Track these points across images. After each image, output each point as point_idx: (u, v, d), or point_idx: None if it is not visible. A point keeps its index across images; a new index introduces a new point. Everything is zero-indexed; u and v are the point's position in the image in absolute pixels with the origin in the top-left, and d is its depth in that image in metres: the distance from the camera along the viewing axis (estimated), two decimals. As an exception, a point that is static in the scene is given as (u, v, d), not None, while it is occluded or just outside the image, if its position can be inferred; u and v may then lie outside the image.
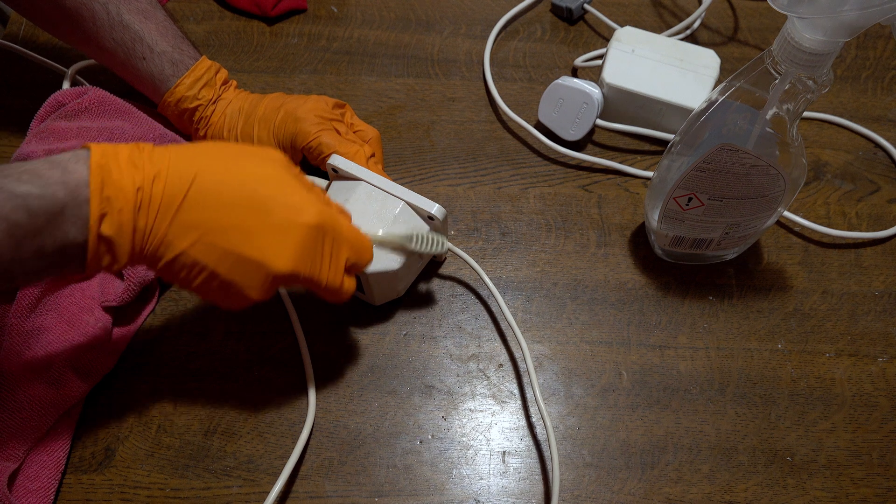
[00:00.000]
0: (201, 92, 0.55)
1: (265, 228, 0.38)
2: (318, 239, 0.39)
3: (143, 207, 0.36)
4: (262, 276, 0.38)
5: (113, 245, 0.35)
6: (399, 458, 0.49)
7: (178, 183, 0.36)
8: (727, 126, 0.46)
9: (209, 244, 0.37)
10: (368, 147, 0.54)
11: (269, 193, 0.38)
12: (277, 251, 0.38)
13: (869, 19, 0.36)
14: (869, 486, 0.48)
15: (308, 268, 0.39)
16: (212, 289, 0.39)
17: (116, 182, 0.35)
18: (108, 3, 0.51)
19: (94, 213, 0.34)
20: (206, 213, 0.36)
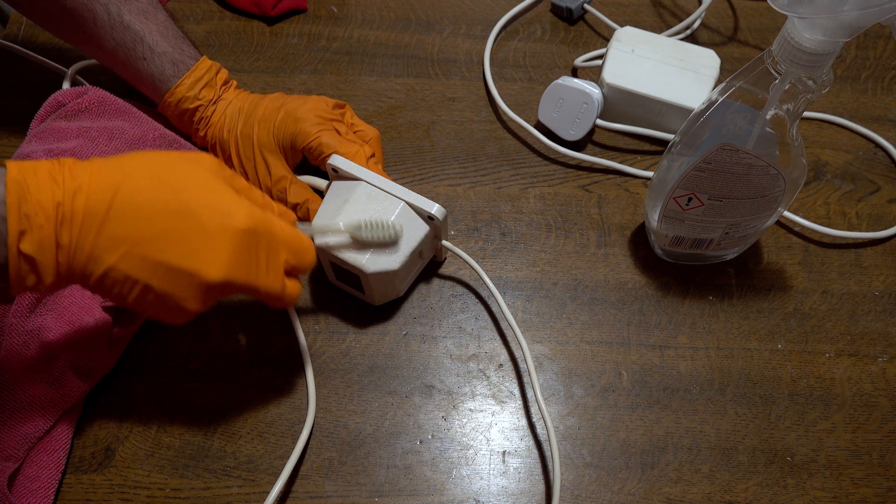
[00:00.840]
0: (202, 92, 0.55)
1: (194, 235, 0.36)
2: (251, 243, 0.38)
3: (66, 223, 0.34)
4: (195, 285, 0.37)
5: (36, 263, 0.34)
6: (399, 458, 0.49)
7: (101, 195, 0.35)
8: (727, 126, 0.46)
9: (138, 256, 0.36)
10: (368, 147, 0.54)
11: (197, 199, 0.37)
12: (209, 258, 0.37)
13: (869, 19, 0.36)
14: (869, 486, 0.48)
15: (243, 274, 0.38)
16: (148, 303, 0.37)
17: (35, 198, 0.34)
18: (109, 3, 0.51)
19: (12, 230, 0.33)
20: (132, 224, 0.35)
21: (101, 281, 0.36)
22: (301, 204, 0.54)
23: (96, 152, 0.51)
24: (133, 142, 0.53)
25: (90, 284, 0.36)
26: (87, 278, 0.36)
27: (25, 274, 0.34)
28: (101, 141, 0.52)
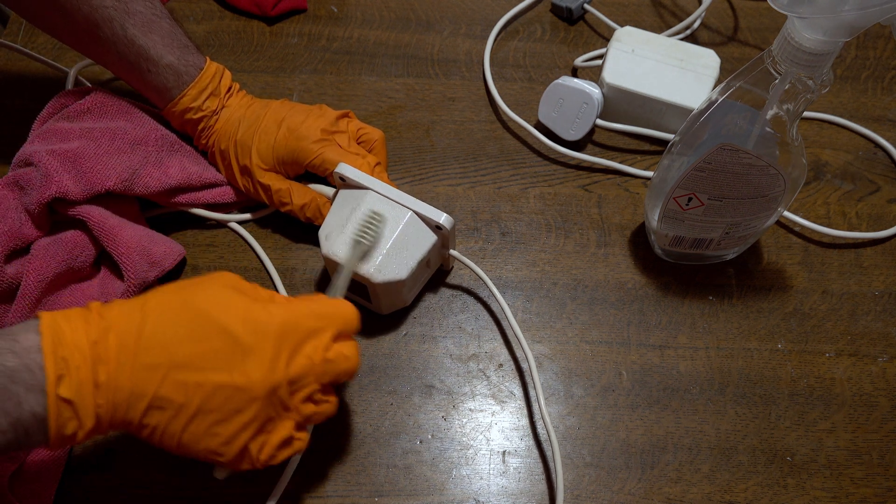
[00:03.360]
0: (205, 103, 0.54)
1: (230, 350, 0.36)
2: (289, 340, 0.38)
3: (101, 361, 0.34)
4: (247, 398, 0.36)
5: (75, 407, 0.34)
6: (399, 458, 0.49)
7: (130, 327, 0.35)
8: (727, 126, 0.46)
9: (178, 381, 0.35)
10: (372, 157, 0.54)
11: (224, 315, 0.36)
12: (250, 368, 0.36)
13: (869, 19, 0.36)
14: (869, 486, 0.49)
15: (286, 371, 0.37)
16: (207, 432, 0.36)
17: (70, 340, 0.34)
18: (113, 18, 0.50)
19: (49, 375, 0.33)
20: (165, 350, 0.35)
21: (147, 416, 0.35)
22: (308, 203, 0.54)
23: (98, 153, 0.51)
24: (135, 142, 0.53)
25: (136, 424, 0.35)
26: (129, 422, 0.35)
27: (65, 421, 0.34)
28: (103, 142, 0.52)
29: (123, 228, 0.51)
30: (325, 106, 0.55)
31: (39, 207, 0.49)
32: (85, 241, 0.51)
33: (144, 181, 0.53)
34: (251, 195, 0.56)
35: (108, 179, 0.51)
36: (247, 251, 0.57)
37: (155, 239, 0.52)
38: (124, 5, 0.51)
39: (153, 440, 0.36)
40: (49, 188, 0.48)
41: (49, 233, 0.51)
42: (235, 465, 0.38)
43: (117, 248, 0.50)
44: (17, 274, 0.49)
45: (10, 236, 0.48)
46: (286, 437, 0.39)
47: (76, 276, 0.51)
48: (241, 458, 0.38)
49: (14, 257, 0.49)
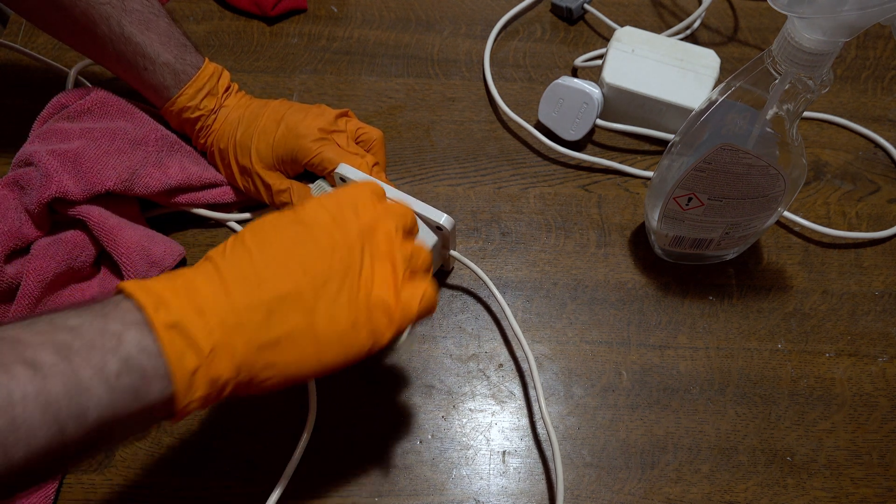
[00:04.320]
0: (203, 102, 0.54)
1: (302, 230, 0.37)
2: (340, 203, 0.38)
3: (194, 292, 0.33)
4: (344, 252, 0.36)
5: (185, 332, 0.31)
6: (399, 458, 0.49)
7: (206, 267, 0.35)
8: (727, 126, 0.46)
9: (278, 276, 0.35)
10: (371, 157, 0.54)
11: (276, 219, 0.37)
12: (330, 227, 0.37)
13: (869, 19, 0.36)
14: (869, 486, 0.49)
15: (365, 211, 0.38)
16: (334, 306, 0.35)
17: (152, 286, 0.32)
18: (110, 15, 0.51)
19: (146, 306, 0.31)
20: (250, 262, 0.35)
21: (272, 324, 0.34)
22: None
23: (98, 153, 0.51)
24: (135, 142, 0.53)
25: (267, 341, 0.34)
26: (260, 339, 0.33)
27: (181, 351, 0.31)
28: (103, 142, 0.52)
29: (123, 228, 0.51)
30: (325, 105, 0.55)
31: (39, 207, 0.49)
32: (85, 241, 0.51)
33: (144, 181, 0.53)
34: (251, 195, 0.56)
35: (108, 179, 0.51)
36: (247, 251, 0.57)
37: (155, 239, 0.52)
38: (122, 3, 0.51)
39: (292, 357, 0.34)
40: (49, 188, 0.48)
41: (49, 233, 0.51)
42: (383, 331, 0.36)
43: (117, 248, 0.50)
44: (17, 274, 0.49)
45: (10, 236, 0.49)
46: (406, 284, 0.38)
47: (76, 276, 0.51)
48: (383, 319, 0.36)
49: (14, 257, 0.49)
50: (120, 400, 0.29)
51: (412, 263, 0.39)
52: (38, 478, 0.30)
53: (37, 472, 0.29)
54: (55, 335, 0.29)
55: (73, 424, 0.28)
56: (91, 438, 0.29)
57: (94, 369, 0.29)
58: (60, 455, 0.29)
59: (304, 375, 0.35)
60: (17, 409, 0.27)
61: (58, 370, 0.28)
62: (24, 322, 0.30)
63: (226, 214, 0.58)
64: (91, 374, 0.29)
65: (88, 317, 0.30)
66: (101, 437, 0.30)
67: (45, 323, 0.30)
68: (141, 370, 0.30)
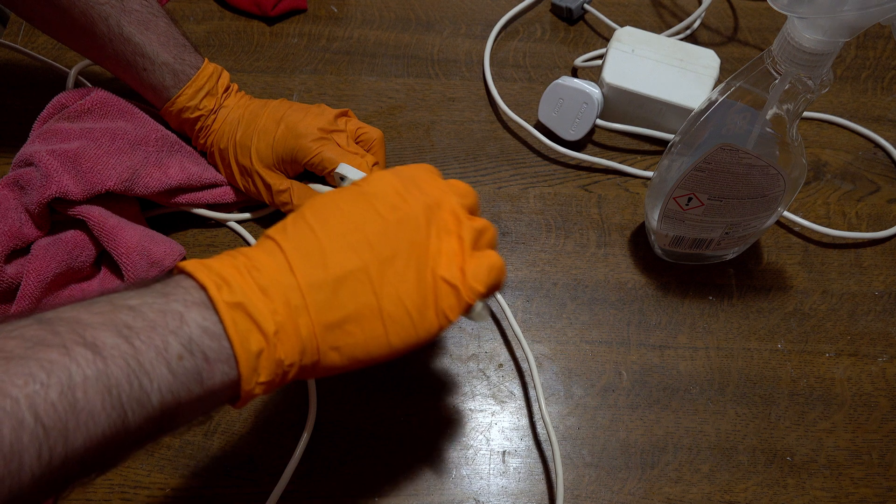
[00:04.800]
0: (202, 102, 0.54)
1: (366, 205, 0.35)
2: (403, 178, 0.37)
3: (256, 270, 0.32)
4: (411, 226, 0.35)
5: (249, 312, 0.30)
6: (399, 458, 0.49)
7: (268, 245, 0.34)
8: (727, 126, 0.46)
9: (344, 250, 0.33)
10: (371, 157, 0.54)
11: (337, 196, 0.36)
12: (395, 201, 0.35)
13: (869, 19, 0.36)
14: (869, 486, 0.49)
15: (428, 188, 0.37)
16: (401, 281, 0.34)
17: (214, 264, 0.32)
18: (108, 15, 0.51)
19: (209, 285, 0.30)
20: (314, 239, 0.34)
21: (337, 304, 0.33)
22: None
23: (99, 153, 0.51)
24: (135, 143, 0.53)
25: (333, 322, 0.33)
26: (325, 319, 0.32)
27: (245, 333, 0.30)
28: (103, 142, 0.52)
29: (123, 228, 0.51)
30: (325, 105, 0.55)
31: (39, 207, 0.49)
32: (85, 241, 0.51)
33: (145, 181, 0.53)
34: (251, 195, 0.56)
35: (108, 179, 0.51)
36: (247, 251, 0.57)
37: (155, 239, 0.52)
38: (121, 3, 0.51)
39: (359, 339, 0.33)
40: (49, 188, 0.48)
41: (49, 233, 0.51)
42: (454, 308, 0.35)
43: (117, 248, 0.50)
44: (17, 274, 0.49)
45: (10, 236, 0.49)
46: (473, 255, 0.36)
47: (76, 276, 0.51)
48: (451, 296, 0.35)
49: (14, 257, 0.49)
50: (183, 383, 0.29)
51: (479, 240, 0.37)
52: (100, 466, 0.29)
53: (98, 459, 0.28)
54: (116, 315, 0.28)
55: (136, 408, 0.27)
56: (154, 423, 0.29)
57: (155, 351, 0.28)
58: (122, 440, 0.28)
59: (372, 358, 0.34)
60: (77, 393, 0.26)
61: (119, 352, 0.27)
62: (84, 303, 0.29)
63: (226, 214, 0.58)
64: (153, 357, 0.28)
65: (149, 296, 0.30)
66: (164, 421, 0.29)
67: (104, 303, 0.29)
68: (204, 352, 0.29)
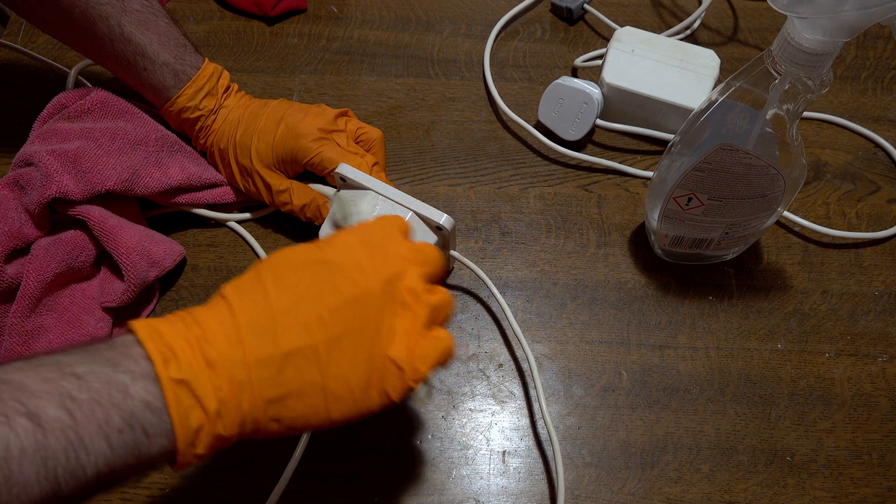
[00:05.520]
0: (202, 102, 0.54)
1: (328, 274, 0.35)
2: (370, 241, 0.36)
3: (206, 341, 0.32)
4: (367, 304, 0.35)
5: (192, 389, 0.31)
6: (399, 458, 0.49)
7: (220, 310, 0.33)
8: (727, 126, 0.46)
9: (296, 326, 0.33)
10: (371, 156, 0.54)
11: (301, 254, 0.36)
12: (355, 275, 0.35)
13: (869, 19, 0.36)
14: (869, 486, 0.49)
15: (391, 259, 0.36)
16: (351, 364, 0.34)
17: (166, 330, 0.32)
18: (109, 15, 0.50)
19: (155, 358, 0.30)
20: (266, 309, 0.33)
21: (282, 380, 0.33)
22: (309, 203, 0.54)
23: (99, 153, 0.51)
24: (135, 143, 0.53)
25: (275, 397, 0.33)
26: (267, 394, 0.33)
27: (186, 410, 0.30)
28: (103, 142, 0.52)
29: (123, 228, 0.51)
30: (325, 105, 0.55)
31: (39, 207, 0.49)
32: (85, 241, 0.51)
33: (145, 181, 0.53)
34: (251, 195, 0.56)
35: (108, 179, 0.51)
36: (247, 251, 0.57)
37: (155, 239, 0.52)
38: (121, 3, 0.51)
39: (300, 411, 0.33)
40: (49, 188, 0.48)
41: (49, 233, 0.51)
42: (397, 389, 0.35)
43: (117, 248, 0.50)
44: (17, 274, 0.49)
45: (10, 236, 0.49)
46: (425, 335, 0.36)
47: (76, 276, 0.51)
48: (396, 377, 0.35)
49: (14, 257, 0.50)
50: (120, 455, 0.29)
51: (435, 317, 0.37)
52: None
53: None
54: (61, 383, 0.29)
55: (70, 480, 0.28)
56: (87, 491, 0.29)
57: (96, 425, 0.29)
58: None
59: (311, 428, 0.35)
60: (13, 465, 0.27)
61: (59, 425, 0.28)
62: (32, 362, 0.30)
63: (226, 214, 0.58)
64: (93, 430, 0.29)
65: (97, 364, 0.30)
66: (98, 489, 0.30)
67: (52, 367, 0.29)
68: (144, 427, 0.30)
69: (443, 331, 0.37)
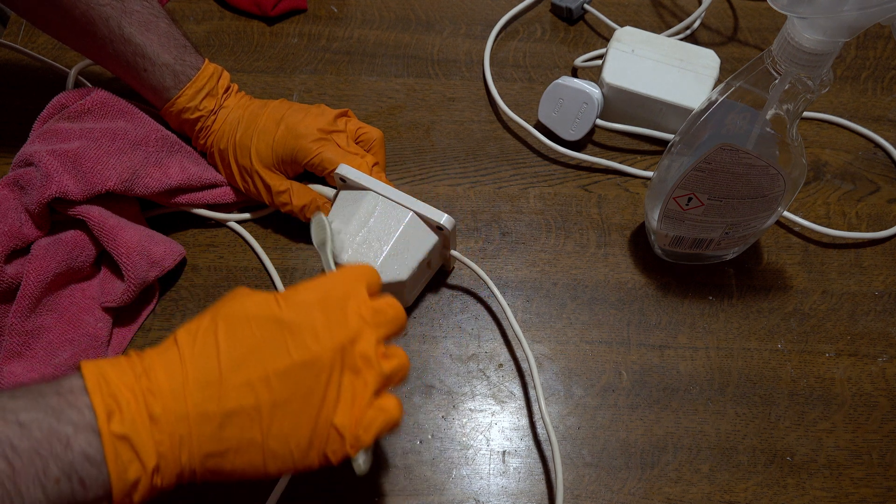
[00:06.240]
0: (202, 103, 0.54)
1: (281, 336, 0.35)
2: (329, 302, 0.36)
3: (152, 394, 0.32)
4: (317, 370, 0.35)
5: (133, 444, 0.31)
6: (399, 458, 0.49)
7: (172, 358, 0.34)
8: (727, 126, 0.46)
9: (242, 385, 0.33)
10: (371, 157, 0.54)
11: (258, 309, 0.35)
12: (309, 339, 0.35)
13: (869, 19, 0.36)
14: (869, 486, 0.49)
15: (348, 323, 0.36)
16: (293, 426, 0.34)
17: (115, 379, 0.32)
18: (109, 16, 0.50)
19: (99, 412, 0.31)
20: (216, 364, 0.34)
21: (222, 437, 0.33)
22: (309, 204, 0.54)
23: (99, 153, 0.51)
24: (135, 143, 0.53)
25: (214, 452, 0.33)
26: (206, 450, 0.33)
27: (125, 464, 0.31)
28: (103, 142, 0.52)
29: (123, 228, 0.51)
30: (324, 105, 0.55)
31: (39, 207, 0.49)
32: (85, 241, 0.51)
33: (145, 181, 0.53)
34: (251, 195, 0.56)
35: (108, 180, 0.51)
36: (247, 251, 0.57)
37: (155, 239, 0.52)
38: (122, 4, 0.51)
39: (237, 466, 0.34)
40: (49, 188, 0.48)
41: (49, 233, 0.51)
42: (337, 454, 0.35)
43: (117, 248, 0.50)
44: (17, 274, 0.49)
45: (10, 236, 0.49)
46: (372, 403, 0.36)
47: (76, 276, 0.51)
48: (337, 443, 0.35)
49: (14, 257, 0.50)
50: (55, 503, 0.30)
51: (384, 384, 0.37)
52: None
53: None
54: (4, 431, 0.30)
55: None
56: None
57: (34, 474, 0.29)
58: None
59: (247, 478, 0.35)
60: None
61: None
62: None
63: (226, 214, 0.58)
64: (30, 480, 0.29)
65: (41, 412, 0.31)
66: None
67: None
68: (81, 478, 0.30)
69: (391, 400, 0.37)
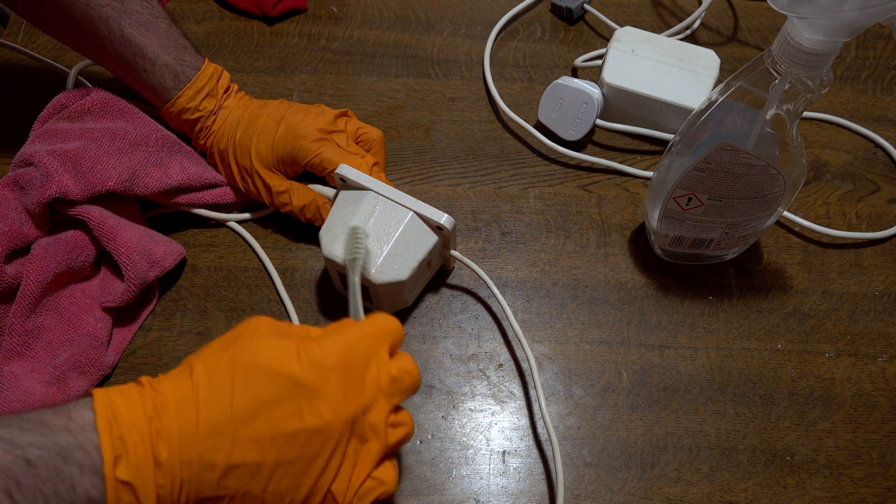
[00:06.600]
0: (202, 103, 0.54)
1: (295, 396, 0.35)
2: (349, 367, 0.36)
3: (161, 437, 0.32)
4: (324, 439, 0.35)
5: (135, 490, 0.31)
6: (399, 458, 0.49)
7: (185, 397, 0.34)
8: (727, 126, 0.46)
9: (249, 440, 0.34)
10: (371, 157, 0.54)
11: (279, 365, 0.35)
12: (323, 406, 0.35)
13: (869, 19, 0.36)
14: (869, 486, 0.49)
15: (355, 405, 0.36)
16: (291, 485, 0.35)
17: (126, 417, 0.32)
18: (109, 17, 0.50)
19: (106, 456, 0.31)
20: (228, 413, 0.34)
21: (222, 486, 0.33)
22: (308, 204, 0.54)
23: (99, 153, 0.51)
24: (135, 143, 0.53)
25: (211, 498, 0.33)
26: (204, 494, 0.33)
27: None
28: (103, 142, 0.52)
29: (123, 228, 0.51)
30: (324, 105, 0.55)
31: (39, 207, 0.49)
32: (85, 241, 0.51)
33: (145, 181, 0.53)
34: (251, 195, 0.56)
35: (108, 180, 0.51)
36: (247, 251, 0.57)
37: (155, 239, 0.52)
38: (122, 4, 0.51)
39: None
40: (49, 188, 0.48)
41: (49, 233, 0.51)
42: None
43: (117, 248, 0.50)
44: (17, 274, 0.49)
45: (10, 236, 0.49)
46: (371, 472, 0.37)
47: (76, 276, 0.51)
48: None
49: (14, 257, 0.50)
50: None
51: (387, 453, 0.37)
52: None
53: None
54: (10, 467, 0.30)
55: None
56: None
57: None
58: None
59: None
60: None
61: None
62: None
63: (226, 215, 0.58)
64: None
65: (48, 451, 0.31)
66: None
67: (5, 444, 0.30)
68: None
69: (390, 472, 0.38)
